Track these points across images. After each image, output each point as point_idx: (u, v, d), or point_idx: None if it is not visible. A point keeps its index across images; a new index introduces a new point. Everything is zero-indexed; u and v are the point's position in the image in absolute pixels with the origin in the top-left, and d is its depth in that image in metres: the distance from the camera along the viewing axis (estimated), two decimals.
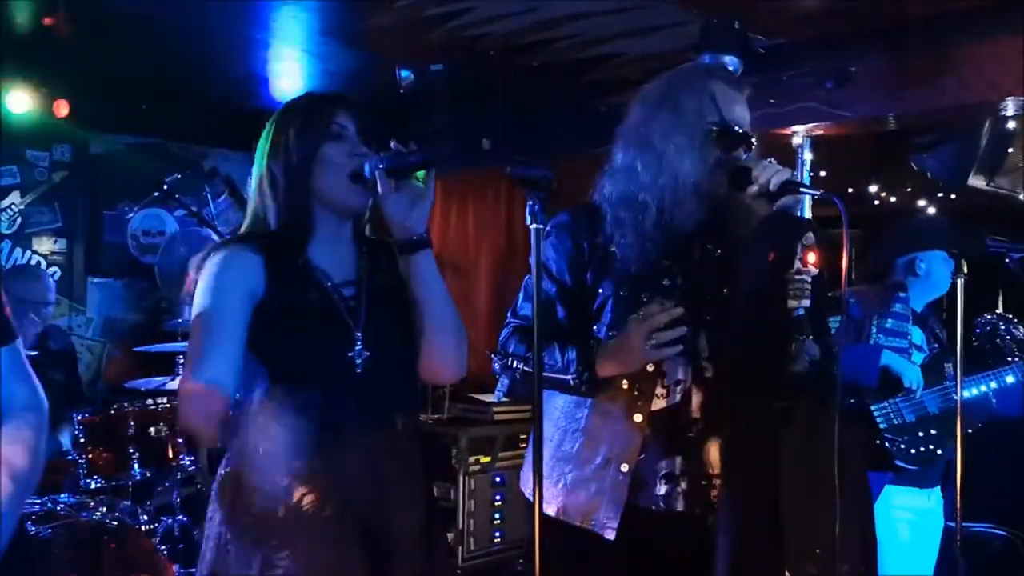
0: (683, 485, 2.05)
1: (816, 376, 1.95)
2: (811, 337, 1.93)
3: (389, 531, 1.78)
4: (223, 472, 1.81)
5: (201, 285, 1.76)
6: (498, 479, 4.91)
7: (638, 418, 2.03)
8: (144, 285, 5.19)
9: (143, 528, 3.59)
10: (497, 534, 4.88)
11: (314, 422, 1.74)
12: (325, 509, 1.73)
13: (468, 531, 4.76)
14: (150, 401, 3.74)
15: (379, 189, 1.77)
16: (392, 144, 1.80)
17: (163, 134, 5.32)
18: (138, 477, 3.68)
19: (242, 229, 1.88)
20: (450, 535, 4.70)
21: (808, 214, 3.58)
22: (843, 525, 1.87)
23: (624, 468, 2.02)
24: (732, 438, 2.05)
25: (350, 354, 1.78)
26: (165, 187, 3.80)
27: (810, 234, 1.92)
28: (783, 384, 1.96)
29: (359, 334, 1.80)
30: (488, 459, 4.87)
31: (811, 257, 1.90)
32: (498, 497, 4.89)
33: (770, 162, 1.97)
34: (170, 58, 4.36)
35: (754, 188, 1.96)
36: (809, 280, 1.90)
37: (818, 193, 1.93)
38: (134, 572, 3.27)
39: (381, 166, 1.77)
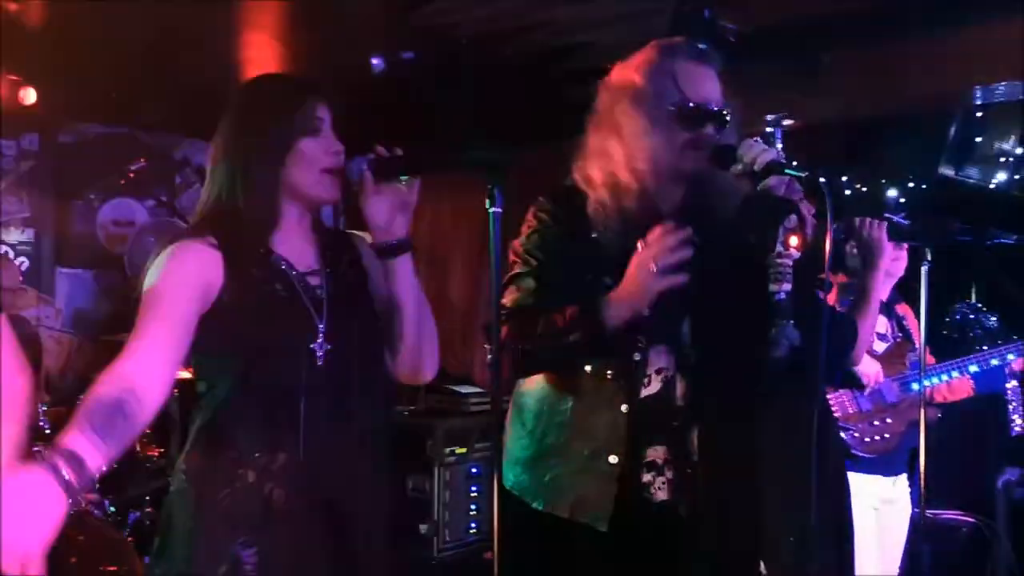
0: (668, 475, 2.04)
1: (796, 361, 1.92)
2: (791, 322, 1.89)
3: (354, 524, 1.77)
4: (185, 465, 1.78)
5: (152, 273, 1.72)
6: (474, 470, 4.91)
7: (624, 408, 2.00)
8: (114, 276, 5.15)
9: (111, 520, 3.56)
10: (473, 525, 4.88)
11: (276, 414, 1.72)
12: (293, 503, 1.71)
13: (443, 522, 4.76)
14: None
15: (363, 191, 1.75)
16: (377, 146, 1.77)
17: (133, 123, 5.26)
18: (105, 469, 3.63)
19: (199, 211, 1.83)
20: (425, 526, 4.70)
21: None
22: (818, 513, 1.86)
23: (612, 460, 2.00)
24: (710, 425, 2.03)
25: (312, 345, 1.75)
26: (131, 175, 3.77)
27: (793, 216, 1.88)
28: (763, 369, 1.93)
29: (321, 325, 1.77)
30: (464, 450, 4.87)
31: (793, 240, 1.87)
32: (474, 488, 4.89)
33: (756, 141, 1.93)
34: (140, 46, 4.31)
35: (738, 167, 1.92)
36: (791, 263, 1.87)
37: (804, 175, 1.88)
38: (103, 564, 3.25)
39: (366, 168, 1.75)
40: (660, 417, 2.04)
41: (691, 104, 1.99)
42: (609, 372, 2.01)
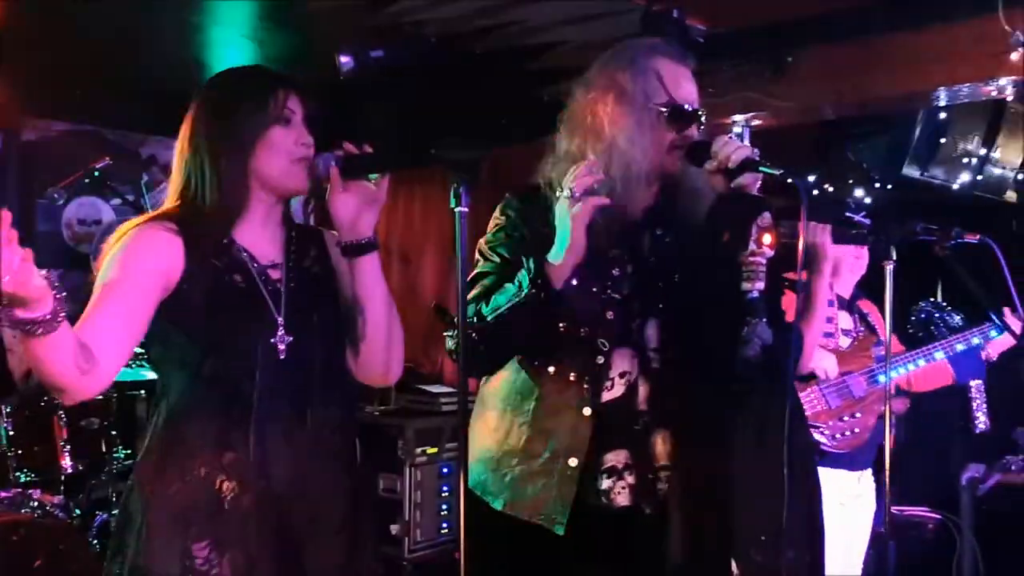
0: (628, 479, 2.02)
1: (768, 360, 1.91)
2: (764, 320, 1.89)
3: (311, 522, 1.75)
4: (141, 460, 1.76)
5: (109, 254, 1.70)
6: (445, 470, 4.90)
7: (587, 411, 1.99)
8: (80, 275, 5.07)
9: (75, 522, 3.52)
10: (444, 525, 4.87)
11: (235, 408, 1.70)
12: (246, 498, 1.70)
13: (414, 522, 4.75)
14: None
15: (330, 188, 1.74)
16: (346, 143, 1.76)
17: (99, 121, 5.19)
18: (70, 470, 3.61)
19: (165, 203, 1.81)
20: (396, 526, 4.69)
21: None
22: (790, 511, 1.85)
23: (573, 462, 1.99)
24: (682, 425, 2.02)
25: (272, 339, 1.74)
26: (96, 173, 3.72)
27: (767, 214, 1.87)
28: (735, 369, 1.91)
29: (281, 319, 1.75)
30: (435, 450, 4.86)
31: (766, 238, 1.86)
32: (445, 488, 4.88)
33: (731, 138, 1.92)
34: (106, 43, 4.26)
35: (713, 164, 1.91)
36: (764, 262, 1.86)
37: (779, 172, 1.87)
38: (67, 568, 3.21)
39: (335, 164, 1.74)
40: (622, 421, 2.02)
41: (678, 104, 1.98)
42: (572, 374, 2.00)
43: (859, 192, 4.74)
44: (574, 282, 1.95)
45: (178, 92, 1.90)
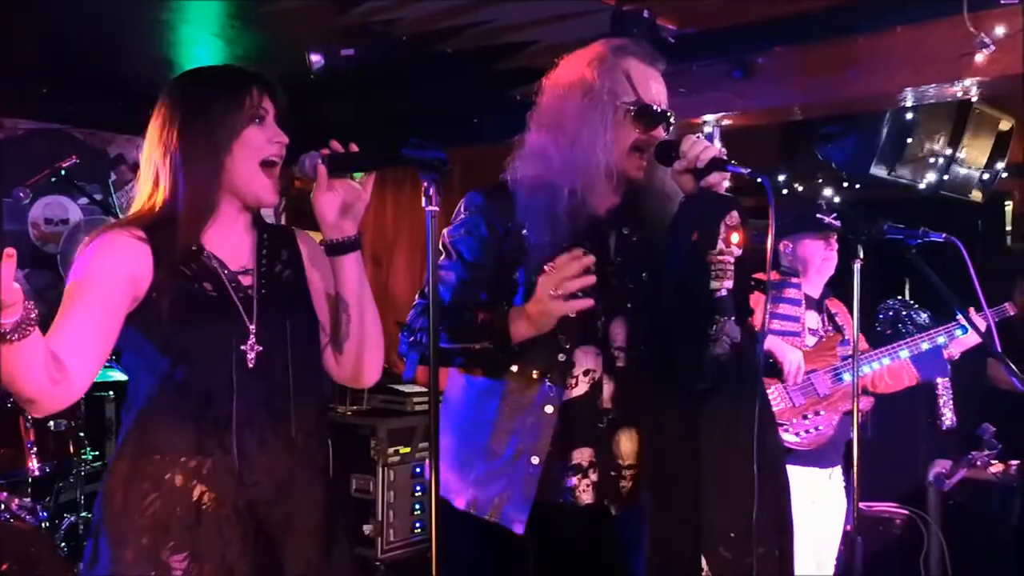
0: (593, 477, 2.02)
1: (737, 358, 1.92)
2: (732, 319, 1.90)
3: (287, 526, 1.73)
4: (112, 469, 1.73)
5: (77, 261, 1.67)
6: (418, 470, 4.90)
7: (549, 409, 1.99)
8: (46, 275, 5.01)
9: (44, 525, 3.48)
10: (417, 525, 4.87)
11: (205, 416, 1.68)
12: (223, 507, 1.68)
13: (388, 522, 4.74)
14: None
15: (316, 186, 1.72)
16: (332, 141, 1.74)
17: (66, 119, 5.13)
18: (37, 473, 3.57)
19: (134, 206, 1.77)
20: (369, 527, 4.68)
21: None
22: (759, 508, 1.86)
23: (535, 461, 1.98)
24: (651, 424, 2.02)
25: (243, 347, 1.71)
26: (63, 172, 3.68)
27: (735, 213, 1.88)
28: (703, 367, 1.92)
29: (253, 327, 1.73)
30: (408, 450, 4.86)
31: (735, 237, 1.86)
32: (418, 488, 4.88)
33: (699, 138, 1.93)
34: (73, 41, 4.22)
35: (681, 163, 1.91)
36: (732, 261, 1.87)
37: (747, 171, 1.88)
38: (35, 572, 3.17)
39: (321, 162, 1.72)
40: (586, 419, 2.02)
41: (646, 103, 1.99)
42: (535, 372, 2.00)
43: (828, 192, 4.79)
44: (535, 279, 1.94)
45: (146, 90, 1.87)
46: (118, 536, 1.67)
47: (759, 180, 1.84)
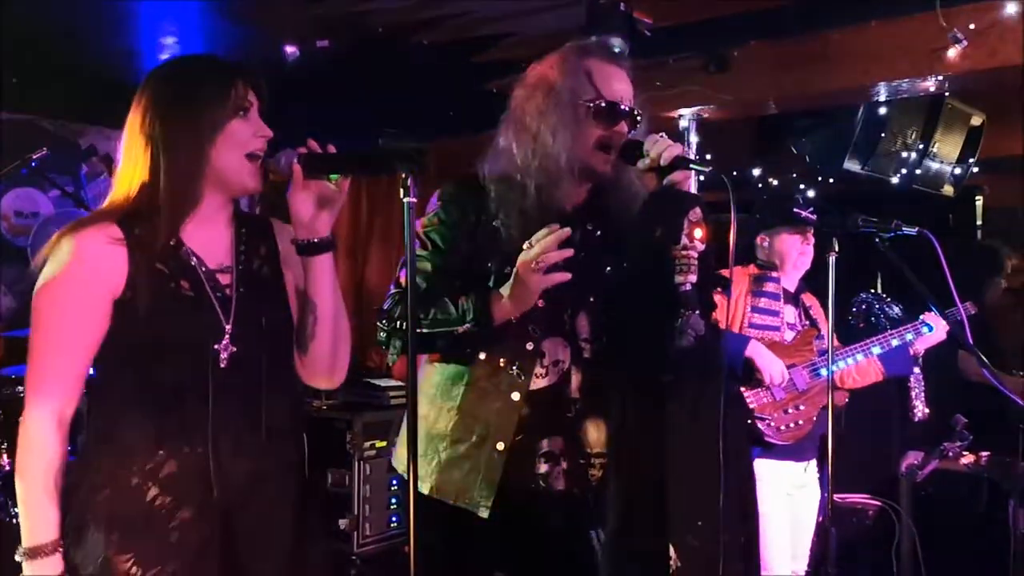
0: (563, 464, 2.07)
1: (701, 351, 1.96)
2: (696, 312, 1.93)
3: (258, 532, 1.71)
4: (73, 465, 1.68)
5: (48, 271, 1.63)
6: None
7: (515, 396, 2.03)
8: (17, 268, 4.95)
9: (15, 521, 3.44)
10: (393, 519, 4.85)
11: (172, 416, 1.65)
12: (181, 511, 1.65)
13: (363, 516, 4.72)
14: (20, 388, 3.56)
15: (291, 185, 1.70)
16: (310, 140, 1.72)
17: (36, 110, 5.06)
18: (8, 468, 3.52)
19: (109, 199, 1.73)
20: (345, 521, 4.66)
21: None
22: (724, 496, 1.91)
23: (500, 446, 2.02)
24: (617, 415, 2.06)
25: (216, 347, 1.67)
26: (33, 164, 3.63)
27: (697, 209, 1.92)
28: (668, 359, 1.96)
29: (229, 327, 1.70)
30: (383, 444, 4.83)
31: (698, 232, 1.90)
32: (394, 482, 4.85)
33: (662, 136, 1.97)
34: (44, 30, 4.16)
35: (645, 162, 1.95)
36: (696, 255, 1.90)
37: (708, 169, 1.94)
38: (7, 566, 3.13)
39: (297, 161, 1.70)
40: (555, 408, 2.07)
41: (607, 101, 2.02)
42: (502, 360, 2.04)
43: (802, 186, 4.82)
44: (506, 271, 1.98)
45: (118, 81, 1.85)
46: (75, 535, 1.63)
47: (722, 177, 1.89)
